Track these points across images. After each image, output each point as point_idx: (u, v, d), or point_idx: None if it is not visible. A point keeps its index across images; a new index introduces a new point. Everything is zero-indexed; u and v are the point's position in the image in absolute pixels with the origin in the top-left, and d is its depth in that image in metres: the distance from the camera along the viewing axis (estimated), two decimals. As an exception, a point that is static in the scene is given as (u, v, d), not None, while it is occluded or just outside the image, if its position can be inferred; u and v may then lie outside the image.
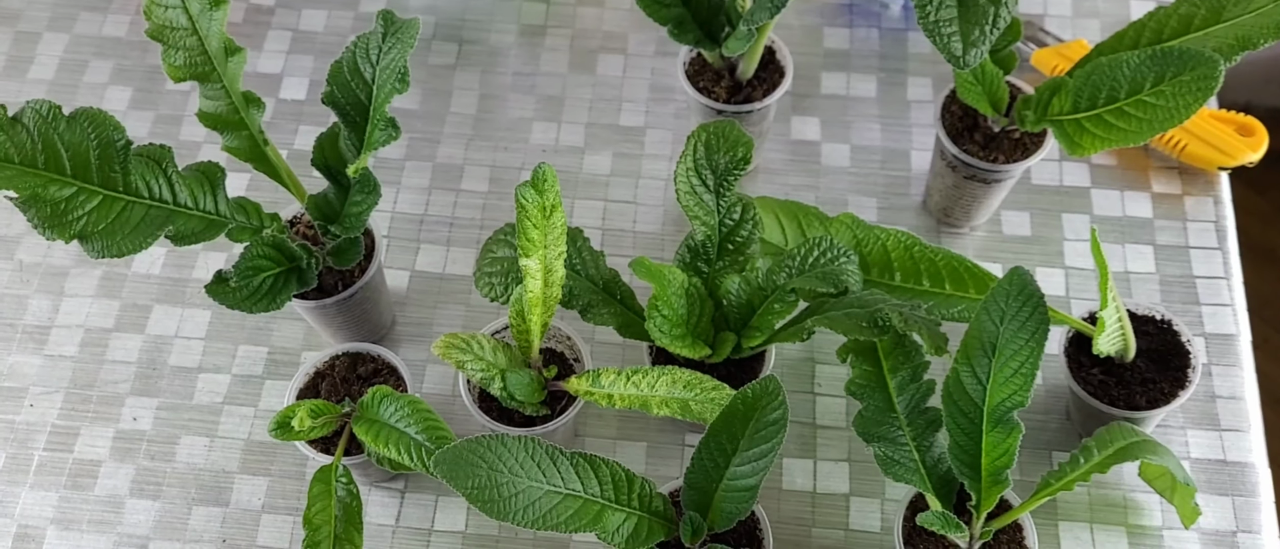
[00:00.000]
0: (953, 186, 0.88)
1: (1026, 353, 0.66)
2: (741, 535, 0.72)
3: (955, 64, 0.67)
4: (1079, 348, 0.79)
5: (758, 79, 0.89)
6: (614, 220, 0.95)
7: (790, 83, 0.89)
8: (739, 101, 0.88)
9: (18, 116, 0.67)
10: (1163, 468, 0.72)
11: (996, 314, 0.66)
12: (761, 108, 0.87)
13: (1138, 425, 0.74)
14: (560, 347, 0.80)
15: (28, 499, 0.83)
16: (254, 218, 0.75)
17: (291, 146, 0.99)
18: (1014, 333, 0.66)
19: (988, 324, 0.66)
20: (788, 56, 0.89)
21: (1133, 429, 0.69)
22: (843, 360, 0.73)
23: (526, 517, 0.63)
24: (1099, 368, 0.79)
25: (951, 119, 0.86)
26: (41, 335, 0.90)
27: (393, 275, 0.92)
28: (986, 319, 0.66)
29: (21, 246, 0.94)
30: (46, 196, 0.68)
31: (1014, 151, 0.84)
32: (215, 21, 0.72)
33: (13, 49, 1.05)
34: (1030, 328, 0.66)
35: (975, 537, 0.70)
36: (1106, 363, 0.79)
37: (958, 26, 0.66)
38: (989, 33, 0.66)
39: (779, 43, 0.90)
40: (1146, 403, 0.77)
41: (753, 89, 0.89)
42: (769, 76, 0.89)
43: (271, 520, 0.82)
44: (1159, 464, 0.67)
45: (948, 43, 0.66)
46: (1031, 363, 0.66)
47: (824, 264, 0.73)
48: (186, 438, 0.85)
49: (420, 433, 0.69)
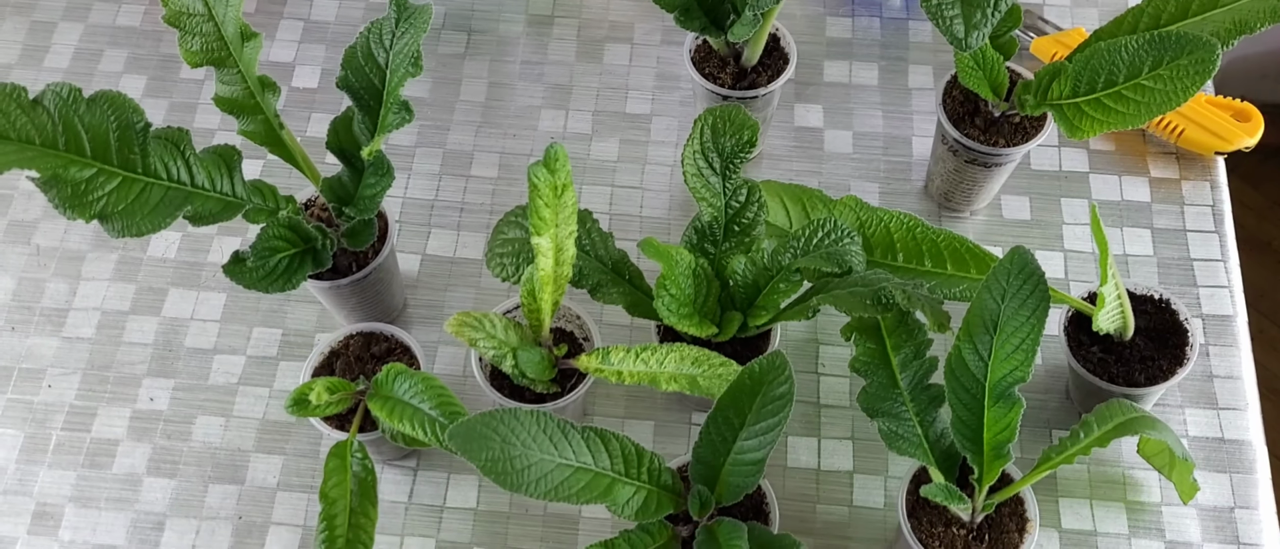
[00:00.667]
0: (954, 171, 0.90)
1: (1027, 329, 0.67)
2: (748, 509, 0.74)
3: (958, 46, 0.68)
4: (1078, 327, 0.81)
5: (762, 66, 0.91)
6: (621, 205, 0.96)
7: (794, 70, 0.90)
8: (744, 88, 0.89)
9: (39, 99, 0.69)
10: (1161, 444, 0.73)
11: (998, 292, 0.68)
12: (766, 93, 0.89)
13: (1136, 403, 0.75)
14: (570, 326, 0.82)
15: (46, 478, 0.85)
16: (270, 200, 0.77)
17: (304, 134, 1.00)
18: (1015, 310, 0.68)
19: (989, 301, 0.68)
20: (791, 43, 0.91)
21: (1132, 406, 0.70)
22: (847, 338, 0.74)
23: (539, 489, 0.64)
24: (1098, 346, 0.80)
25: (953, 104, 0.87)
26: (59, 318, 0.91)
27: (404, 259, 0.94)
28: (988, 297, 0.68)
29: (39, 231, 0.96)
30: (67, 177, 0.69)
31: (1014, 135, 0.85)
32: (231, 7, 0.74)
33: (29, 38, 1.06)
34: (1031, 305, 0.67)
35: (977, 509, 0.71)
36: (1105, 341, 0.80)
37: (960, 9, 0.68)
38: (990, 16, 0.68)
39: (783, 30, 0.92)
40: (1145, 380, 0.78)
41: (757, 75, 0.90)
42: (773, 63, 0.91)
43: (286, 497, 0.84)
44: (1157, 439, 0.69)
45: (950, 25, 0.68)
46: (1032, 339, 0.67)
47: (828, 244, 0.74)
48: (202, 418, 0.87)
49: (434, 409, 0.71)
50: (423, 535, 0.82)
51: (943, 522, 0.74)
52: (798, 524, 0.82)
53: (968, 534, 0.73)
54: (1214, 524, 0.81)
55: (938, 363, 0.72)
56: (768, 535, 0.70)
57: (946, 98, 0.87)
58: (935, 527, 0.73)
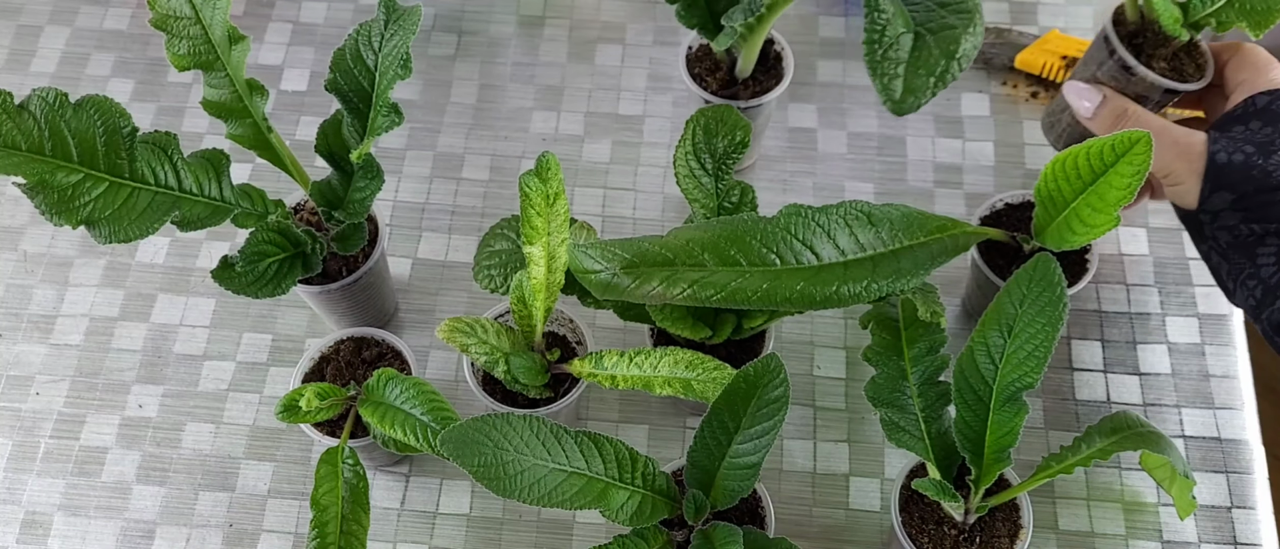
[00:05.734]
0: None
1: (1042, 336, 0.67)
2: (744, 514, 0.73)
3: (890, 107, 0.61)
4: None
5: (759, 74, 0.90)
6: (614, 207, 0.96)
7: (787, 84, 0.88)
8: (728, 96, 0.88)
9: (24, 104, 0.68)
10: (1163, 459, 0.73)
11: (1017, 296, 0.67)
12: (755, 105, 0.87)
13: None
14: (563, 329, 0.81)
15: (35, 486, 0.84)
16: (259, 204, 0.76)
17: (293, 137, 0.99)
18: (1033, 316, 0.67)
19: (1007, 305, 0.68)
20: (789, 57, 0.89)
21: (1136, 418, 0.70)
22: (864, 327, 0.74)
23: (532, 494, 0.64)
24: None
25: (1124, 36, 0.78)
26: (47, 325, 0.91)
27: (395, 263, 0.93)
28: (1007, 300, 0.68)
29: (26, 237, 0.95)
30: (53, 183, 0.68)
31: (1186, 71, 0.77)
32: (219, 10, 0.73)
33: (15, 42, 1.05)
34: (1048, 313, 0.67)
35: (971, 510, 0.71)
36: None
37: (905, 71, 0.60)
38: (932, 86, 0.60)
39: (782, 41, 0.90)
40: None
41: (754, 84, 0.89)
42: (771, 71, 0.90)
43: (277, 504, 0.83)
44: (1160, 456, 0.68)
45: (888, 83, 0.60)
46: (1045, 346, 0.67)
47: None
48: (192, 424, 0.86)
49: (426, 414, 0.70)
50: (415, 542, 0.82)
51: (935, 520, 0.73)
52: (794, 528, 0.82)
53: (959, 535, 0.72)
54: (1211, 524, 0.81)
55: (949, 361, 0.72)
56: (764, 540, 0.69)
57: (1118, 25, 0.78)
58: (927, 524, 0.73)
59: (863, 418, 0.86)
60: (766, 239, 0.67)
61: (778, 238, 0.67)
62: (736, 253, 0.67)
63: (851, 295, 0.67)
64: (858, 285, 0.67)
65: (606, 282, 0.66)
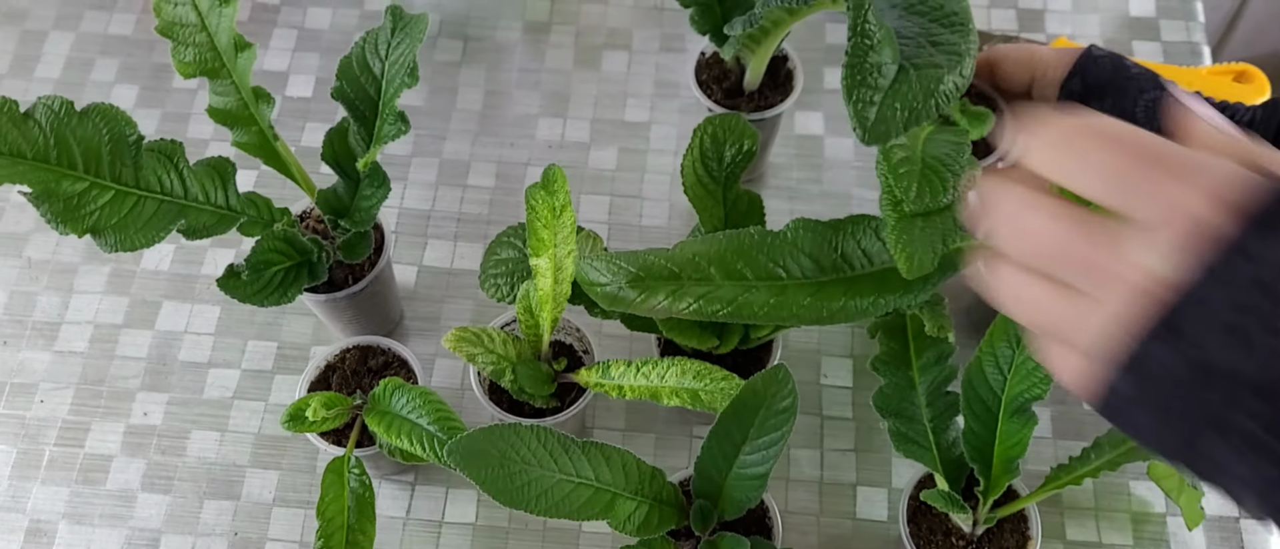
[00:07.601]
0: None
1: None
2: (751, 524, 0.73)
3: (860, 134, 0.57)
4: None
5: (768, 88, 0.89)
6: (620, 214, 0.95)
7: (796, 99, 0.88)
8: (743, 108, 0.88)
9: (30, 112, 0.68)
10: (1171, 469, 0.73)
11: None
12: (760, 118, 0.87)
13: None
14: (569, 338, 0.81)
15: (39, 494, 0.84)
16: (264, 212, 0.76)
17: (299, 144, 0.99)
18: None
19: None
20: (800, 72, 0.89)
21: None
22: (872, 336, 0.73)
23: (539, 505, 0.64)
24: None
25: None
26: (51, 332, 0.90)
27: (401, 271, 0.93)
28: None
29: (30, 244, 0.95)
30: (59, 191, 0.68)
31: None
32: (225, 17, 0.73)
33: (20, 48, 1.05)
34: None
35: (979, 521, 0.70)
36: None
37: (879, 100, 0.57)
38: (905, 120, 0.57)
39: (795, 58, 0.90)
40: None
41: (758, 98, 0.89)
42: (780, 87, 0.89)
43: (283, 513, 0.83)
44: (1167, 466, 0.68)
45: (862, 110, 0.56)
46: None
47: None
48: (197, 432, 0.86)
49: (432, 424, 0.70)
50: (421, 551, 0.81)
51: (942, 531, 0.73)
52: (801, 538, 0.81)
53: (966, 546, 0.72)
54: (1219, 534, 0.81)
55: (957, 370, 0.71)
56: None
57: None
58: (935, 535, 0.73)
59: (870, 427, 0.85)
60: (773, 253, 0.67)
61: (784, 252, 0.67)
62: (743, 267, 0.66)
63: (858, 311, 0.67)
64: (865, 301, 0.66)
65: (613, 295, 0.66)
